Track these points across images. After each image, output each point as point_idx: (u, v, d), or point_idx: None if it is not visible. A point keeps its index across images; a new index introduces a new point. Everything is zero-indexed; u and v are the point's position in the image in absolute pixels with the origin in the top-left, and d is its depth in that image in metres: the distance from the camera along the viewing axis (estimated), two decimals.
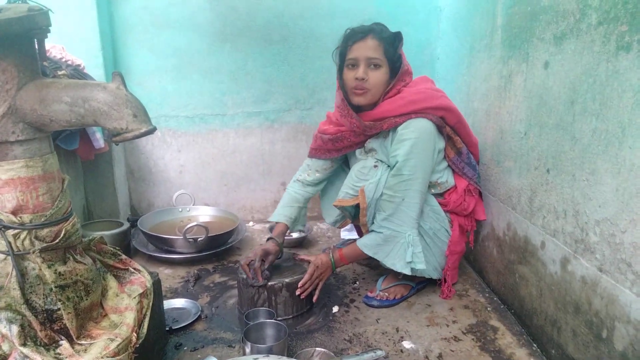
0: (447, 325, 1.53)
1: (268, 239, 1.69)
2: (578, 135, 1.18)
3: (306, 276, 1.54)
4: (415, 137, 1.48)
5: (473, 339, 1.45)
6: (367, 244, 1.56)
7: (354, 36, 1.52)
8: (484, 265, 1.85)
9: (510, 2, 1.55)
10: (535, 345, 1.42)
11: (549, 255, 1.34)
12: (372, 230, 1.57)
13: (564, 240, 1.27)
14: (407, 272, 1.54)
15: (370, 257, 1.58)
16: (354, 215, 1.63)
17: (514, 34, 1.52)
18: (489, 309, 1.64)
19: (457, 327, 1.52)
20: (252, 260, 1.57)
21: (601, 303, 1.10)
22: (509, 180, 1.60)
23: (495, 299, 1.70)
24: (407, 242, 1.52)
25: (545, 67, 1.33)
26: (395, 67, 1.53)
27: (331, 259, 1.60)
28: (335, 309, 1.63)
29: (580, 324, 1.19)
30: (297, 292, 1.53)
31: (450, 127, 1.59)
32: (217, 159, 2.48)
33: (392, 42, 1.51)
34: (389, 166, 1.55)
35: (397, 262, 1.53)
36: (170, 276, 1.90)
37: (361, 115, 1.57)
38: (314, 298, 1.57)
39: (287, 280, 1.53)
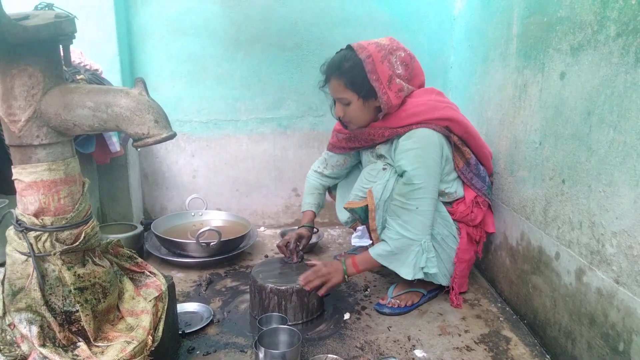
0: (459, 335, 1.52)
1: (301, 226, 1.86)
2: (595, 147, 1.18)
3: (310, 270, 1.57)
4: (419, 146, 1.49)
5: (485, 349, 1.44)
6: (381, 254, 1.55)
7: (324, 78, 1.59)
8: (496, 274, 1.84)
9: (526, 12, 1.55)
10: (548, 356, 1.41)
11: (563, 266, 1.34)
12: (384, 239, 1.56)
13: (579, 252, 1.26)
14: (420, 276, 1.55)
15: (382, 265, 1.57)
16: (364, 219, 1.64)
17: (530, 44, 1.53)
18: (501, 319, 1.63)
19: (470, 337, 1.51)
20: (288, 242, 1.75)
21: (618, 315, 1.09)
22: (523, 190, 1.59)
23: (507, 309, 1.70)
24: (422, 249, 1.52)
25: (562, 78, 1.33)
26: (369, 89, 1.49)
27: (343, 263, 1.60)
28: (346, 315, 1.63)
29: (595, 336, 1.19)
30: (300, 281, 1.54)
31: (457, 137, 1.59)
32: (230, 164, 2.50)
33: (354, 72, 1.49)
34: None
35: (410, 270, 1.54)
36: (182, 280, 1.91)
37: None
38: (321, 291, 1.54)
39: (297, 286, 1.53)
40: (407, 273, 1.53)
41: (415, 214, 1.50)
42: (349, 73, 1.49)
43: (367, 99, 1.53)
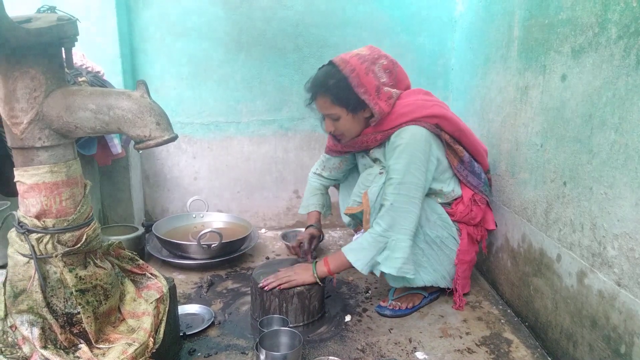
0: (461, 337, 1.52)
1: (308, 226, 1.93)
2: (596, 149, 1.18)
3: (272, 275, 1.55)
4: (405, 142, 1.48)
5: (487, 352, 1.44)
6: (352, 249, 1.53)
7: (310, 96, 1.57)
8: (497, 276, 1.84)
9: (527, 14, 1.56)
10: (550, 358, 1.41)
11: (565, 268, 1.34)
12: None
13: (580, 254, 1.26)
14: (367, 270, 1.49)
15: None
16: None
17: (531, 46, 1.53)
18: (502, 321, 1.62)
19: (471, 339, 1.51)
20: (301, 243, 1.82)
21: (619, 318, 1.09)
22: (524, 192, 1.59)
23: (509, 311, 1.69)
24: (388, 246, 1.48)
25: (563, 80, 1.33)
26: (356, 103, 1.50)
27: (313, 264, 1.58)
28: (347, 318, 1.63)
29: (597, 339, 1.18)
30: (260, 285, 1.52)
31: (449, 135, 1.57)
32: (231, 166, 2.50)
33: (340, 87, 1.48)
34: None
35: (368, 262, 1.50)
36: (183, 282, 1.91)
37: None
38: (267, 287, 1.50)
39: (297, 288, 1.53)
40: (362, 266, 1.49)
41: (389, 210, 1.47)
42: (335, 89, 1.50)
43: (356, 111, 1.53)
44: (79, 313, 1.04)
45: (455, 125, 1.57)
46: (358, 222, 1.76)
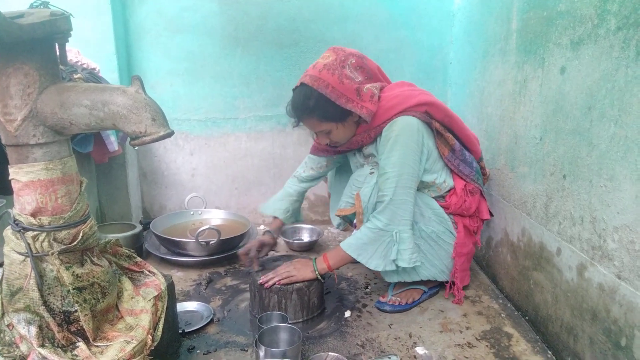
0: (461, 332, 1.52)
1: (265, 232, 1.85)
2: (595, 141, 1.17)
3: (272, 271, 1.56)
4: (396, 134, 1.47)
5: (487, 346, 1.44)
6: (351, 244, 1.52)
7: (295, 119, 1.57)
8: (497, 271, 1.84)
9: (525, 6, 1.54)
10: (550, 352, 1.41)
11: (565, 262, 1.33)
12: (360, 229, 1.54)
13: (580, 247, 1.25)
14: (391, 268, 1.50)
15: (355, 260, 1.53)
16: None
17: (530, 39, 1.52)
18: (502, 315, 1.62)
19: (471, 334, 1.51)
20: (249, 250, 1.72)
21: (620, 311, 1.09)
22: (524, 185, 1.59)
23: (509, 305, 1.69)
24: (393, 240, 1.48)
25: (562, 73, 1.32)
26: (342, 113, 1.49)
27: (313, 260, 1.58)
28: (347, 313, 1.63)
29: (597, 332, 1.18)
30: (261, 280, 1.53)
31: (439, 122, 1.56)
32: (229, 163, 2.49)
33: (321, 105, 1.46)
34: None
35: (381, 262, 1.50)
36: (182, 279, 1.91)
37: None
38: (267, 284, 1.52)
39: (297, 285, 1.52)
40: (377, 265, 1.50)
41: (388, 205, 1.47)
42: (318, 109, 1.48)
43: (344, 120, 1.52)
44: (76, 311, 1.04)
45: (444, 111, 1.56)
46: (348, 223, 1.75)
